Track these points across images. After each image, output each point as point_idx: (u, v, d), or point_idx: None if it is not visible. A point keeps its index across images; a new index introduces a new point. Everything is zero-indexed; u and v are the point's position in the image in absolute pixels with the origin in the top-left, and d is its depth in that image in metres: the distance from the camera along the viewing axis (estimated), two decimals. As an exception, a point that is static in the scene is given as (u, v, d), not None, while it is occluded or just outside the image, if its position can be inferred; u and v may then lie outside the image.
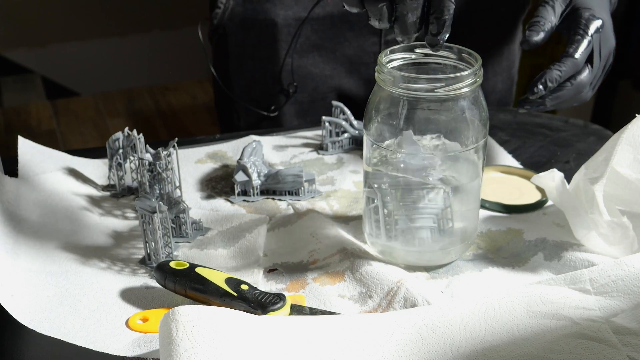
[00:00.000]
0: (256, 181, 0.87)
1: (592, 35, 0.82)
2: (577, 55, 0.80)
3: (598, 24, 0.82)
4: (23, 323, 0.66)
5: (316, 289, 0.72)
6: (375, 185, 0.74)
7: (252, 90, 1.17)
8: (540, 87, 0.79)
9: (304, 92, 1.16)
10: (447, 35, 0.67)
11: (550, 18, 0.82)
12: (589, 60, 0.83)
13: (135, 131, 0.85)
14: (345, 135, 0.97)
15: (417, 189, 0.72)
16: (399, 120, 0.70)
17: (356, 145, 0.98)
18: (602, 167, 0.71)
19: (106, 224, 0.83)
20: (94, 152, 0.96)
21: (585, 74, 0.82)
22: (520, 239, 0.78)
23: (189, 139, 1.02)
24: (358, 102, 1.06)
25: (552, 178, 0.81)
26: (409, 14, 0.65)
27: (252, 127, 1.17)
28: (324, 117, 0.97)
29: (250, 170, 0.87)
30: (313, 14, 1.10)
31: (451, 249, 0.74)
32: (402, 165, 0.71)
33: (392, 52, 0.72)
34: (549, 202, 0.84)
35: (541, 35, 0.80)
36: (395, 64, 0.72)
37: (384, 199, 0.73)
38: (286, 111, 1.16)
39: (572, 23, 0.83)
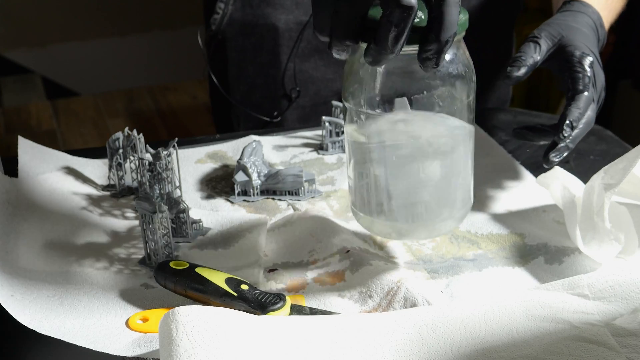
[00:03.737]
0: (256, 181, 0.87)
1: (589, 71, 0.82)
2: (587, 92, 0.81)
3: (590, 60, 0.82)
4: (23, 323, 0.66)
5: (316, 289, 0.72)
6: (371, 159, 0.71)
7: (252, 96, 1.17)
8: (568, 129, 0.79)
9: (305, 97, 1.15)
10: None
11: (532, 54, 0.83)
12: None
13: (135, 131, 0.85)
14: (345, 135, 0.97)
15: (409, 160, 0.70)
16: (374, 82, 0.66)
17: (356, 145, 0.98)
18: (619, 175, 0.71)
19: (106, 224, 0.83)
20: (94, 152, 0.96)
21: (592, 108, 0.82)
22: (521, 243, 0.78)
23: (189, 139, 1.02)
24: None
25: (555, 176, 0.81)
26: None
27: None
28: (324, 117, 0.97)
29: (250, 170, 0.87)
30: None
31: (450, 219, 0.73)
32: (393, 133, 0.69)
33: None
34: (551, 202, 0.84)
35: (522, 70, 0.81)
36: None
37: (376, 172, 0.71)
38: (288, 116, 1.16)
39: (565, 62, 0.83)
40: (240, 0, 1.11)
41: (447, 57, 0.66)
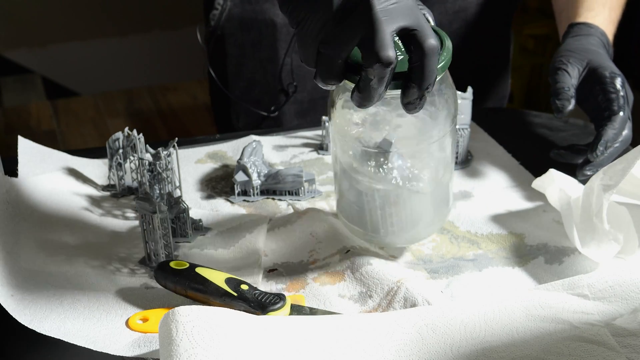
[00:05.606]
0: (256, 181, 0.87)
1: (622, 91, 0.85)
2: (622, 112, 0.84)
3: (621, 80, 0.86)
4: (23, 323, 0.66)
5: (316, 289, 0.72)
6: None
7: (251, 91, 1.17)
8: (602, 148, 0.82)
9: (303, 92, 1.15)
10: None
11: (571, 82, 0.86)
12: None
13: (135, 131, 0.85)
14: (345, 135, 0.97)
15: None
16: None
17: (356, 145, 0.98)
18: (618, 176, 0.71)
19: (106, 224, 0.83)
20: (94, 152, 0.96)
21: (628, 127, 0.85)
22: (521, 243, 0.78)
23: (189, 139, 1.02)
24: None
25: (551, 179, 0.81)
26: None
27: (252, 128, 1.17)
28: (324, 117, 0.97)
29: (250, 170, 0.87)
30: None
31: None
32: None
33: None
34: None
35: (572, 102, 0.85)
36: None
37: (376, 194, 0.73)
38: (286, 111, 1.16)
39: (597, 84, 0.86)
40: None
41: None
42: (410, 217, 0.74)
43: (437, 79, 0.63)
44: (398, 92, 0.62)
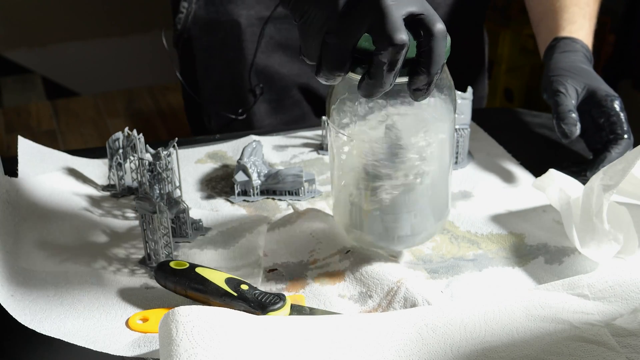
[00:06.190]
0: (256, 181, 0.87)
1: (622, 115, 0.86)
2: (626, 136, 0.85)
3: (620, 103, 0.87)
4: (23, 323, 0.66)
5: (316, 289, 0.72)
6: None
7: (221, 92, 1.17)
8: (601, 167, 0.83)
9: (272, 92, 1.15)
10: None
11: (572, 104, 0.87)
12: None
13: (135, 131, 0.85)
14: (345, 135, 0.97)
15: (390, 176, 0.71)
16: (358, 104, 0.67)
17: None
18: (618, 176, 0.71)
19: (106, 224, 0.83)
20: (94, 152, 0.96)
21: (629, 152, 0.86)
22: (521, 243, 0.78)
23: (189, 139, 1.02)
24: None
25: (551, 179, 0.81)
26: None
27: (223, 129, 1.17)
28: (324, 117, 0.97)
29: (250, 170, 0.87)
30: (275, 13, 1.09)
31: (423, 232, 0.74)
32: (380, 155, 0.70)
33: None
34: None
35: (578, 126, 0.86)
36: None
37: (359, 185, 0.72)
38: (256, 111, 1.16)
39: (596, 107, 0.87)
40: None
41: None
42: (413, 217, 0.73)
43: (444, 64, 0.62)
44: (405, 80, 0.62)
